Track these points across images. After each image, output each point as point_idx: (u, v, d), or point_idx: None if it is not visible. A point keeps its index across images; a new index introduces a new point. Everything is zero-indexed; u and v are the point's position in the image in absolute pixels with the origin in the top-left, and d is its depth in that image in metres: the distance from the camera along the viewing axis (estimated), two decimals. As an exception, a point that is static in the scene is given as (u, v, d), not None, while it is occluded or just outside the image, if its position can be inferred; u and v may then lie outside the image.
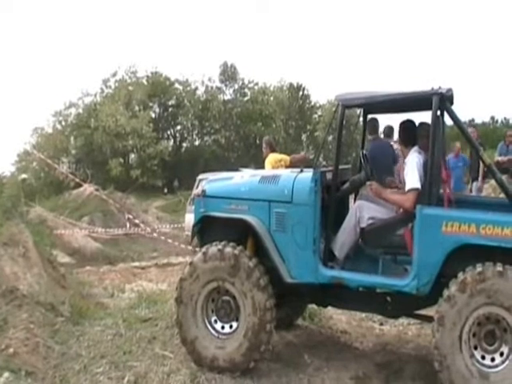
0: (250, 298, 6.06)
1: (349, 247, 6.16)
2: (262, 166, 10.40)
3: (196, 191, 7.03)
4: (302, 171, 6.33)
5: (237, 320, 6.25)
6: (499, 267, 5.32)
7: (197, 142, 44.37)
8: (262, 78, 55.35)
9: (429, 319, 6.07)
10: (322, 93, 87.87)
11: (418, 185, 5.80)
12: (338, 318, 8.14)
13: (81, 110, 40.67)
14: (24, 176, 36.35)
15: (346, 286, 5.99)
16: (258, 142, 40.11)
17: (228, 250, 6.16)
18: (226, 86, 44.01)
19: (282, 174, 6.47)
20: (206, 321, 6.36)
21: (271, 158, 10.54)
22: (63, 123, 40.59)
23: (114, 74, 41.72)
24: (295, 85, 46.96)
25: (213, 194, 6.67)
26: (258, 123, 42.01)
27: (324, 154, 46.93)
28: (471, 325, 5.43)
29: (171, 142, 43.17)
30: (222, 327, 6.34)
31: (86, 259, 17.43)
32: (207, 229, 6.69)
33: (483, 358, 5.44)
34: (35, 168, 36.05)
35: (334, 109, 6.29)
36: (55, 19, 71.48)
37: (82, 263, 16.40)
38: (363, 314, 8.22)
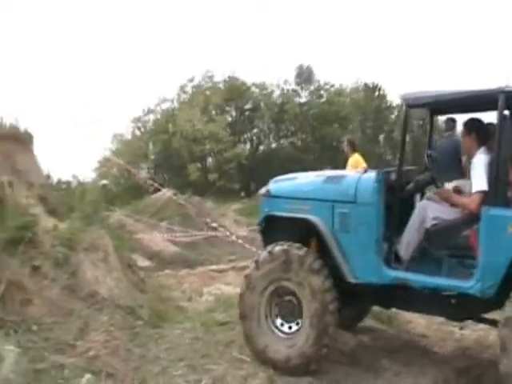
0: (306, 285, 6.09)
1: (414, 248, 6.07)
2: (340, 167, 10.35)
3: (261, 191, 7.10)
4: (365, 171, 6.35)
5: (301, 316, 6.26)
6: None
7: (273, 145, 44.41)
8: (338, 80, 55.05)
9: (494, 323, 5.92)
10: (398, 93, 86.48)
11: (485, 187, 5.65)
12: (417, 321, 8.00)
13: (159, 116, 41.34)
14: (105, 182, 37.27)
15: (410, 287, 5.93)
16: (334, 143, 39.83)
17: (293, 250, 6.21)
18: (301, 88, 43.91)
19: (346, 175, 6.50)
20: (273, 326, 6.41)
21: (354, 160, 10.48)
22: (142, 129, 41.37)
23: (191, 80, 42.25)
24: (371, 85, 46.37)
25: (277, 194, 6.77)
26: (334, 125, 41.76)
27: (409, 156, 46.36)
28: None
29: (248, 146, 43.34)
30: (290, 327, 6.38)
31: (165, 263, 17.61)
32: (271, 229, 6.76)
33: None
34: (115, 174, 36.82)
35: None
36: (135, 25, 72.86)
37: (162, 267, 16.59)
38: (443, 318, 7.97)
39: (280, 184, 6.98)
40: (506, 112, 5.74)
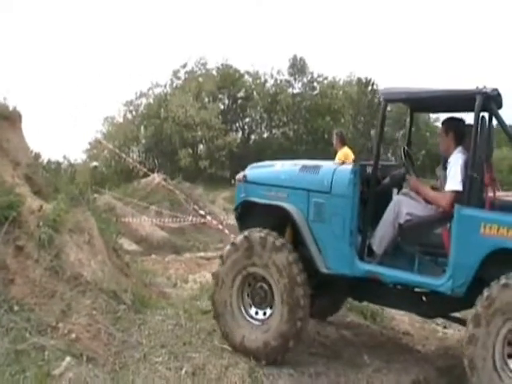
0: (284, 292, 6.08)
1: (387, 242, 6.10)
2: (331, 160, 10.40)
3: (238, 176, 7.09)
4: (343, 163, 6.45)
5: (270, 308, 6.32)
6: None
7: (265, 135, 44.48)
8: (331, 72, 55.03)
9: (463, 322, 5.92)
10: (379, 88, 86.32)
11: (458, 187, 5.69)
12: (401, 318, 7.99)
13: (151, 101, 41.23)
14: (95, 164, 37.16)
15: (382, 281, 5.97)
16: (326, 136, 39.87)
17: (270, 239, 6.19)
18: (295, 79, 43.93)
19: (322, 165, 6.47)
20: (247, 316, 6.45)
21: (343, 154, 10.53)
22: (134, 113, 41.27)
23: (184, 66, 42.22)
24: (364, 79, 46.39)
25: (253, 180, 6.78)
26: (326, 117, 41.78)
27: (393, 151, 46.54)
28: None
29: (240, 134, 43.39)
30: (264, 313, 6.40)
31: (152, 247, 17.63)
32: (247, 214, 6.78)
33: None
34: (106, 156, 36.70)
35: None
36: (129, 8, 72.49)
37: (149, 251, 16.59)
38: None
39: (257, 170, 7.00)
40: (484, 113, 5.75)
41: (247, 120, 44.15)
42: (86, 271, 7.39)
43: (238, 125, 43.93)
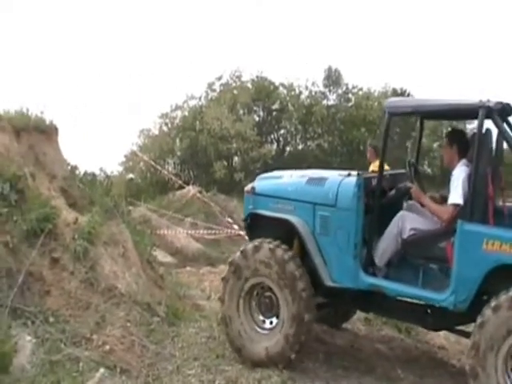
0: (289, 305, 6.15)
1: (389, 256, 6.11)
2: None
3: (246, 188, 7.14)
4: (349, 175, 6.33)
5: (276, 318, 6.41)
6: None
7: (300, 147, 44.30)
8: (366, 83, 54.75)
9: (468, 335, 5.83)
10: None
11: (459, 200, 5.66)
12: (436, 333, 7.88)
13: (186, 113, 41.41)
14: (131, 176, 37.43)
15: (385, 294, 5.97)
16: (361, 147, 39.64)
17: (279, 252, 6.23)
18: (329, 90, 43.76)
19: (328, 177, 6.47)
20: (251, 317, 6.57)
21: (375, 167, 10.59)
22: (169, 125, 41.43)
23: (219, 78, 42.24)
24: (399, 90, 46.08)
25: (261, 192, 6.82)
26: (361, 129, 41.54)
27: (429, 162, 46.16)
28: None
29: (274, 146, 43.28)
30: (269, 322, 6.50)
31: (187, 259, 17.68)
32: (256, 226, 6.84)
33: None
34: (142, 168, 36.93)
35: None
36: (165, 21, 73.15)
37: (184, 263, 16.65)
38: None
39: (265, 182, 7.04)
40: (487, 126, 5.71)
41: (282, 132, 44.03)
42: (120, 283, 7.47)
43: (272, 137, 43.83)
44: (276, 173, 7.30)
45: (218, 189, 27.65)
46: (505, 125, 5.79)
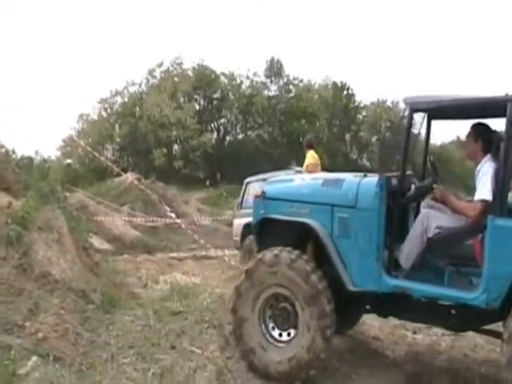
0: (311, 319, 5.85)
1: (415, 256, 5.86)
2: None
3: (255, 192, 6.92)
4: (365, 176, 6.16)
5: (289, 333, 6.10)
6: None
7: (240, 136, 44.41)
8: (307, 76, 55.16)
9: (498, 335, 5.75)
10: (366, 93, 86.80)
11: (488, 197, 5.49)
12: (371, 323, 7.95)
13: (126, 99, 41.03)
14: (69, 161, 36.91)
15: (410, 296, 5.74)
16: (301, 139, 39.96)
17: (300, 262, 5.96)
18: (271, 81, 43.95)
19: (345, 178, 6.24)
20: (262, 316, 6.21)
21: (310, 154, 10.96)
22: (109, 111, 40.99)
23: (160, 65, 42.02)
24: (339, 84, 46.56)
25: (273, 196, 6.55)
26: (301, 120, 41.84)
27: (368, 156, 46.84)
28: None
29: (215, 135, 43.29)
30: (280, 334, 6.17)
31: (125, 247, 17.54)
32: (267, 231, 6.55)
33: None
34: (80, 154, 36.43)
35: (378, 111, 6.08)
36: (104, 6, 72.10)
37: (121, 251, 16.50)
38: (397, 321, 7.85)
39: (276, 185, 6.80)
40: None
41: (222, 121, 44.06)
42: (54, 270, 7.33)
43: (213, 125, 43.83)
44: (284, 177, 7.09)
45: (157, 176, 27.45)
46: None
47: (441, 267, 5.82)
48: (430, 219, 5.83)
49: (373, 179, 5.96)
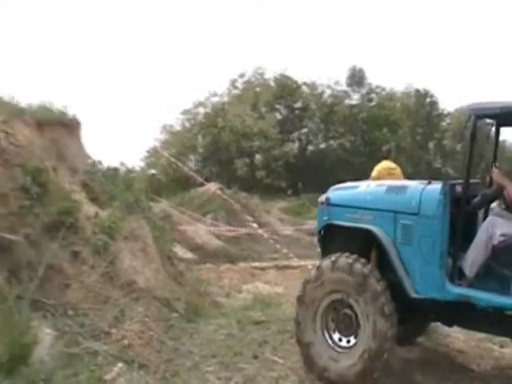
0: (371, 321, 5.82)
1: (479, 265, 5.72)
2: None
3: (320, 198, 6.90)
4: (429, 183, 6.09)
5: (355, 337, 6.05)
6: None
7: (322, 146, 44.20)
8: (389, 83, 54.49)
9: None
10: (450, 100, 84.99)
11: None
12: (456, 336, 7.76)
13: (209, 110, 41.49)
14: (153, 171, 37.59)
15: (474, 305, 5.63)
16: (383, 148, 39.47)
17: (358, 266, 5.96)
18: (352, 90, 43.61)
19: (409, 185, 6.23)
20: (325, 329, 6.21)
21: (380, 164, 10.69)
22: (192, 122, 41.54)
23: (242, 75, 42.29)
24: (422, 91, 45.75)
25: (337, 202, 6.57)
26: (383, 129, 41.35)
27: (453, 164, 45.82)
28: None
29: (296, 145, 43.22)
30: (340, 339, 6.16)
31: (208, 256, 17.66)
32: (330, 237, 6.58)
33: None
34: (164, 164, 37.04)
35: (463, 118, 5.91)
36: (187, 18, 73.29)
37: (204, 260, 16.64)
38: (483, 334, 7.65)
39: (340, 192, 6.81)
40: None
41: (304, 131, 44.00)
42: (139, 278, 7.48)
43: (294, 135, 43.83)
44: (350, 184, 7.04)
45: (240, 186, 27.60)
46: None
47: (506, 276, 5.64)
48: (495, 226, 5.70)
49: (436, 186, 5.92)
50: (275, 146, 38.55)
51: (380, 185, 6.62)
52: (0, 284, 6.47)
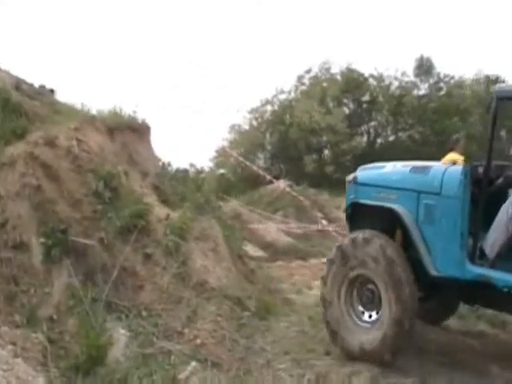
0: (391, 288, 6.02)
1: (500, 245, 5.77)
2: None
3: (348, 177, 7.15)
4: (454, 164, 6.29)
5: (377, 312, 6.28)
6: None
7: (391, 138, 43.68)
8: (458, 71, 53.33)
9: None
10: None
11: None
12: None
13: (276, 107, 41.54)
14: (222, 171, 37.91)
15: (494, 285, 5.69)
16: (454, 137, 38.71)
17: (375, 240, 6.19)
18: (420, 80, 42.92)
19: (433, 166, 6.36)
20: (350, 306, 6.46)
21: (445, 158, 10.54)
22: (259, 120, 41.67)
23: (309, 71, 42.16)
24: (493, 77, 44.61)
25: (364, 182, 6.82)
26: (453, 118, 40.56)
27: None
28: None
29: (365, 138, 42.87)
30: (368, 315, 6.41)
31: (278, 253, 17.71)
32: (357, 215, 6.82)
33: None
34: (232, 163, 37.32)
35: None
36: (251, 17, 73.59)
37: (274, 257, 16.70)
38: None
39: (367, 172, 7.03)
40: None
41: (373, 124, 43.59)
42: (211, 278, 7.59)
43: (363, 129, 43.47)
44: (378, 164, 7.23)
45: (309, 182, 27.57)
46: None
47: None
48: None
49: (459, 167, 6.06)
50: (344, 141, 38.32)
51: (405, 165, 6.72)
52: (76, 287, 6.70)
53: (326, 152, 41.05)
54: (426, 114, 41.53)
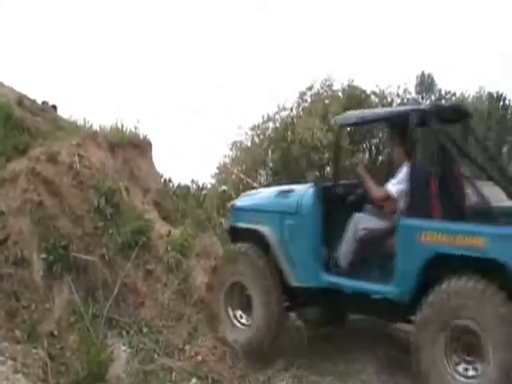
0: (260, 295, 6.73)
1: (350, 255, 6.49)
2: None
3: (231, 203, 7.83)
4: (315, 185, 6.81)
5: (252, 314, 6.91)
6: None
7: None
8: (460, 88, 53.49)
9: None
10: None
11: (392, 193, 6.21)
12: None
13: (278, 124, 41.59)
14: (223, 188, 37.96)
15: (344, 291, 6.34)
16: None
17: (250, 252, 6.92)
18: (422, 97, 43.06)
19: (295, 189, 6.99)
20: (231, 309, 7.06)
21: None
22: (261, 137, 41.70)
23: (310, 88, 42.19)
24: (495, 94, 44.74)
25: (240, 207, 7.42)
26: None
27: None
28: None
29: (367, 155, 42.91)
30: (246, 318, 7.02)
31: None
32: (237, 237, 7.31)
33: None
34: (234, 180, 37.36)
35: None
36: (252, 36, 73.95)
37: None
38: None
39: (245, 198, 7.74)
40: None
41: (375, 141, 43.65)
42: (211, 295, 7.55)
43: (365, 145, 43.51)
44: (255, 190, 8.29)
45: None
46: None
47: (370, 265, 6.49)
48: (359, 222, 6.49)
49: (312, 189, 6.68)
50: (346, 157, 38.38)
51: (274, 190, 7.43)
52: (77, 303, 6.70)
53: (328, 169, 41.08)
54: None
